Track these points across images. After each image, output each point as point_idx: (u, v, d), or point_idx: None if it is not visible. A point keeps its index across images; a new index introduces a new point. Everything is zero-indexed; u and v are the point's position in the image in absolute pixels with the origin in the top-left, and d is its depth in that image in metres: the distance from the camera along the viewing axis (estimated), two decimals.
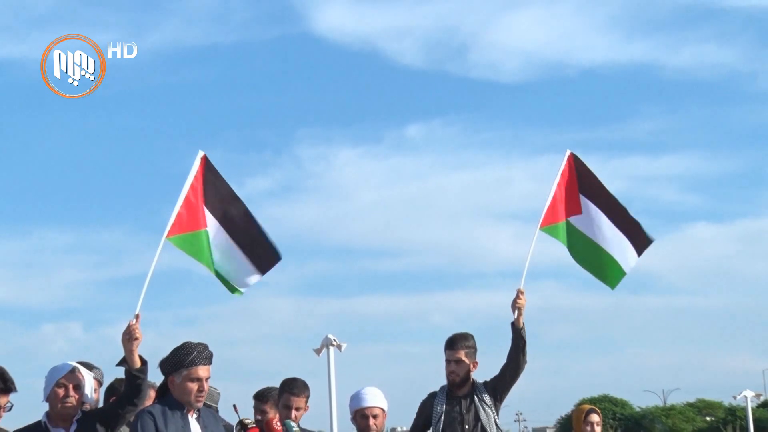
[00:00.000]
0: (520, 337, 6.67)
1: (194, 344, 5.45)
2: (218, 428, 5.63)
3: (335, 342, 8.30)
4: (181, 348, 5.44)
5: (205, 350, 5.45)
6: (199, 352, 5.41)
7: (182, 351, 5.42)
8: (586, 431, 7.13)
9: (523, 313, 6.74)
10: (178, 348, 5.46)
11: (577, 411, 7.56)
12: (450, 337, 6.79)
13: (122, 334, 5.57)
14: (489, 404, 6.64)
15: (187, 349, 5.42)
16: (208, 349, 5.47)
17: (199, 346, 5.44)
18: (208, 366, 5.46)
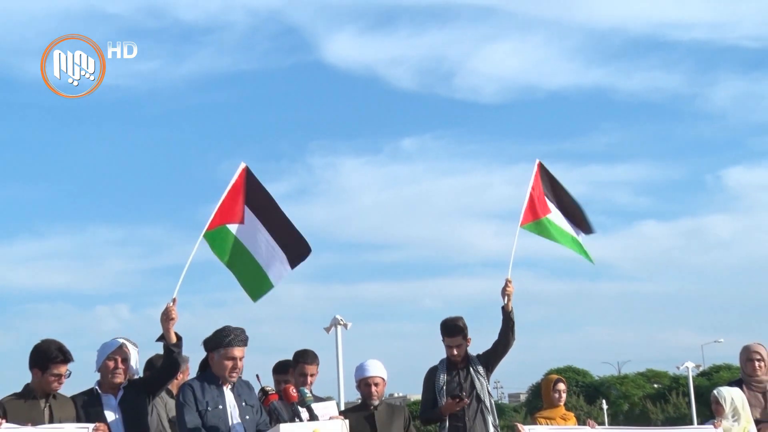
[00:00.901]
0: (510, 318, 6.76)
1: (233, 328, 5.51)
2: (252, 397, 5.61)
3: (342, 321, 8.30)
4: (221, 330, 5.52)
5: (241, 334, 5.50)
6: (236, 335, 5.47)
7: (222, 333, 5.49)
8: (554, 397, 7.19)
9: (511, 299, 6.78)
10: (219, 330, 5.53)
11: (546, 380, 7.60)
12: (447, 325, 6.78)
13: (161, 315, 5.67)
14: (482, 374, 6.74)
15: (227, 331, 5.49)
16: (244, 333, 5.52)
17: (236, 330, 5.50)
18: (243, 347, 5.51)
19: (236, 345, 5.44)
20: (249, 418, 5.43)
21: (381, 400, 6.43)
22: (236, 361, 5.44)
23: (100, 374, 5.65)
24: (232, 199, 6.30)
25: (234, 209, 6.30)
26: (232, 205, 6.30)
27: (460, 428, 6.55)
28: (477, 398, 6.60)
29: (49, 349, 5.36)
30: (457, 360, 6.71)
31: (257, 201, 6.37)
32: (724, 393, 7.14)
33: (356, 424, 6.04)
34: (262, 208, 6.39)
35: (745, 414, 7.04)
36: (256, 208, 6.36)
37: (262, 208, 6.39)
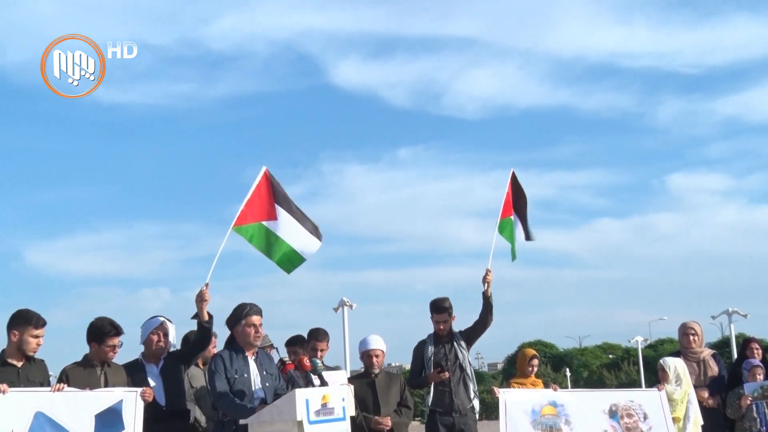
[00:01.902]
0: (489, 302, 6.76)
1: (246, 303, 5.58)
2: (272, 366, 5.67)
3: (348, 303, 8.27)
4: (238, 306, 5.58)
5: (254, 305, 5.57)
6: (251, 306, 5.55)
7: (239, 308, 5.56)
8: (528, 370, 7.15)
9: (491, 285, 6.78)
10: (236, 307, 5.58)
11: (523, 354, 7.47)
12: (436, 304, 6.73)
13: (196, 297, 5.67)
14: (464, 347, 6.74)
15: (242, 306, 5.56)
16: (257, 305, 5.59)
17: (250, 303, 5.58)
18: (260, 315, 5.56)
19: (253, 314, 5.49)
20: (269, 384, 5.43)
21: (381, 369, 6.45)
22: (257, 327, 5.47)
23: (144, 347, 5.69)
24: (259, 198, 6.23)
25: (265, 208, 6.24)
26: (261, 204, 6.24)
27: (446, 393, 6.53)
28: (460, 367, 6.59)
29: (104, 325, 5.40)
30: (443, 334, 6.68)
31: (281, 198, 6.33)
32: (668, 362, 7.19)
33: (360, 389, 6.05)
34: (284, 203, 6.34)
35: (685, 380, 7.07)
36: (282, 204, 6.31)
37: (284, 203, 6.34)
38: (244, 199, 6.14)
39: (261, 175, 6.29)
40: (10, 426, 4.75)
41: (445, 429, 6.50)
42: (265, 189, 6.29)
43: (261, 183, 6.26)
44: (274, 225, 6.26)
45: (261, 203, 6.24)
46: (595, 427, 6.72)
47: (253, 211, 6.18)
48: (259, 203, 6.23)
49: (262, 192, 6.26)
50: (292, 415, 4.86)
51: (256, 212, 6.20)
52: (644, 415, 6.84)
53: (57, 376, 5.26)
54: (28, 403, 4.84)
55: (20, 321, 5.08)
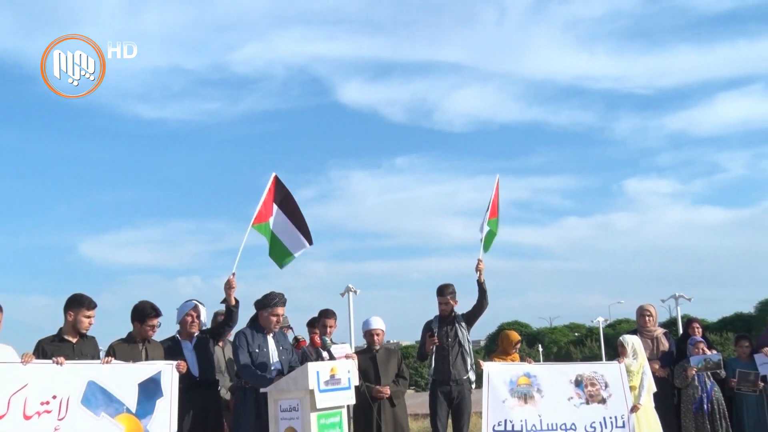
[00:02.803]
0: (483, 288, 6.64)
1: (277, 293, 5.56)
2: (287, 343, 5.67)
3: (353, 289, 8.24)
4: (269, 294, 5.56)
5: (282, 297, 5.56)
6: (279, 298, 5.53)
7: (269, 296, 5.54)
8: (512, 351, 7.07)
9: (483, 273, 6.69)
10: (267, 294, 5.57)
11: (507, 337, 7.29)
12: (440, 288, 6.66)
13: (224, 284, 5.68)
14: (464, 327, 6.62)
15: (273, 295, 5.54)
16: (284, 297, 5.57)
17: (279, 294, 5.56)
18: (283, 307, 5.57)
19: (279, 305, 5.51)
20: (284, 358, 5.46)
21: (381, 345, 6.42)
22: (279, 317, 5.50)
23: (180, 326, 5.70)
24: (268, 200, 6.22)
25: (269, 209, 6.23)
26: (269, 205, 6.22)
27: (445, 365, 6.49)
28: (459, 344, 6.52)
29: (145, 308, 5.41)
30: (445, 314, 6.61)
31: (282, 200, 6.30)
32: (627, 339, 7.17)
33: (363, 363, 6.07)
34: (284, 205, 6.31)
35: (641, 354, 7.06)
36: (281, 205, 6.28)
37: (284, 205, 6.31)
38: (260, 201, 6.13)
39: (271, 181, 6.27)
40: (68, 392, 4.76)
41: (444, 396, 6.48)
42: (272, 191, 6.25)
43: (271, 187, 6.23)
44: (271, 222, 6.24)
45: (268, 204, 6.22)
46: (563, 395, 6.71)
47: (267, 212, 6.17)
48: (268, 204, 6.20)
49: (271, 195, 6.24)
50: (305, 384, 4.87)
51: (266, 212, 6.19)
52: (605, 384, 6.81)
53: (105, 350, 5.28)
54: (82, 373, 4.85)
55: (75, 304, 5.10)
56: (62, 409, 4.71)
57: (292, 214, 6.34)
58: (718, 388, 7.10)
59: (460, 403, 6.49)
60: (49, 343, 5.01)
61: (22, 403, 4.57)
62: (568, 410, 6.69)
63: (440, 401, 6.47)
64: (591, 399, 6.76)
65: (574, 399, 6.73)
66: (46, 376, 4.70)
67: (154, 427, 5.01)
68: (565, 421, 6.65)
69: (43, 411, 4.64)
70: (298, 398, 4.90)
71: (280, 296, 5.51)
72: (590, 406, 6.74)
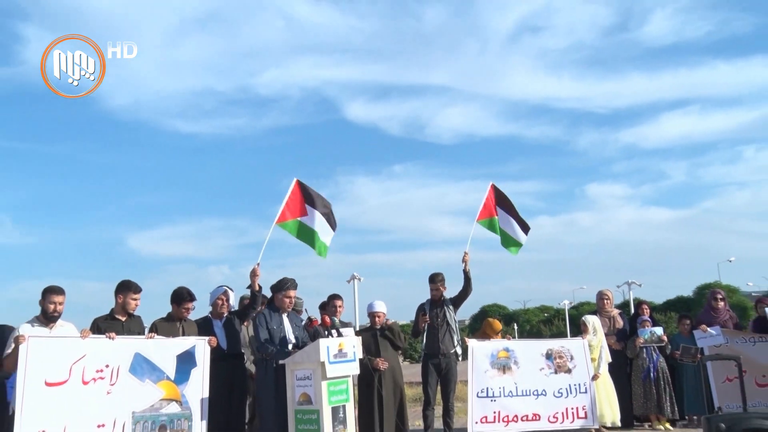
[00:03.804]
0: (468, 277, 6.57)
1: (288, 278, 5.53)
2: (299, 322, 5.64)
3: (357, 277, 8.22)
4: (282, 279, 5.54)
5: (293, 281, 5.53)
6: (291, 282, 5.51)
7: (283, 281, 5.52)
8: (496, 336, 7.05)
9: (468, 264, 6.58)
10: (281, 279, 5.55)
11: (491, 326, 7.25)
12: (431, 276, 6.61)
13: (250, 272, 5.67)
14: (452, 310, 6.55)
15: (285, 280, 5.52)
16: (295, 281, 5.54)
17: (291, 279, 5.53)
18: (295, 290, 5.53)
19: (291, 288, 5.47)
20: (298, 335, 5.44)
21: (382, 325, 6.34)
22: (291, 299, 5.46)
23: (212, 307, 5.69)
24: (293, 201, 6.13)
25: (298, 207, 6.14)
26: (296, 205, 6.13)
27: (435, 341, 6.44)
28: (447, 323, 6.45)
29: (183, 292, 5.42)
30: (436, 298, 6.55)
31: (310, 198, 6.24)
32: (588, 319, 7.22)
33: (366, 339, 6.01)
34: (313, 202, 6.24)
35: (600, 331, 7.09)
36: (311, 203, 6.22)
37: (313, 202, 6.24)
38: (282, 203, 6.07)
39: (293, 185, 6.21)
40: (118, 362, 4.81)
41: (434, 367, 6.44)
42: (298, 194, 6.18)
43: (294, 190, 6.17)
44: (307, 220, 6.15)
45: (295, 205, 6.14)
46: (536, 366, 6.74)
47: (291, 211, 6.09)
48: (293, 205, 6.12)
49: (296, 196, 6.16)
50: (317, 357, 4.89)
51: (293, 211, 6.10)
52: (571, 357, 6.84)
53: (149, 327, 5.29)
54: (130, 346, 4.90)
55: (123, 288, 5.14)
56: (113, 376, 4.77)
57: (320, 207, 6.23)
58: (663, 360, 7.12)
59: (448, 373, 6.45)
60: (103, 321, 5.05)
61: (81, 370, 4.64)
62: (539, 379, 6.72)
63: (431, 372, 6.43)
64: (559, 369, 6.79)
65: (545, 369, 6.76)
66: (100, 349, 4.76)
67: (189, 392, 5.05)
68: (537, 388, 6.68)
69: (98, 377, 4.70)
70: (311, 369, 4.90)
71: (292, 281, 5.50)
72: (558, 375, 6.77)
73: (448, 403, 6.47)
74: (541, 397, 6.66)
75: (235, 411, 5.45)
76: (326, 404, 4.86)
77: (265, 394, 5.22)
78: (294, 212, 6.10)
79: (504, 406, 6.57)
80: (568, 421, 6.67)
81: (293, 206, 6.11)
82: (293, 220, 6.08)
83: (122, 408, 4.75)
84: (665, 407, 6.98)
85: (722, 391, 6.78)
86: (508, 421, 6.55)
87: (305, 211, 6.12)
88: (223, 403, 5.29)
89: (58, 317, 4.78)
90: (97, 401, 4.65)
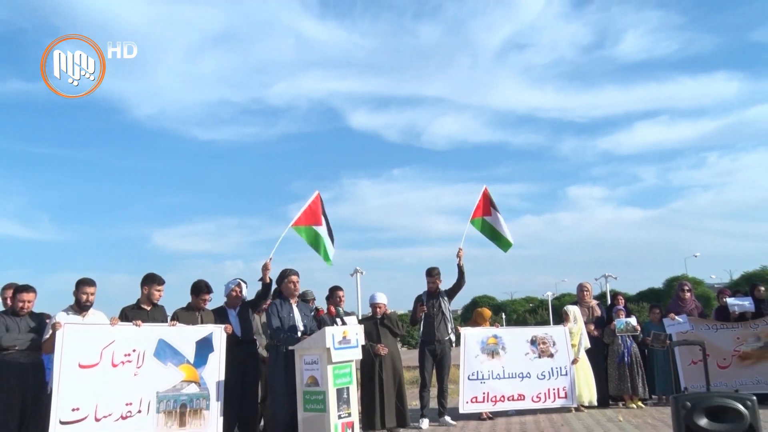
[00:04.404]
0: (461, 271, 6.54)
1: (288, 268, 5.54)
2: (308, 311, 5.61)
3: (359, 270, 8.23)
4: (283, 270, 5.53)
5: (293, 269, 5.53)
6: (291, 270, 5.50)
7: (283, 271, 5.50)
8: (486, 323, 7.11)
9: (462, 259, 6.55)
10: (282, 271, 5.54)
11: (482, 315, 7.33)
12: (428, 270, 6.59)
13: (262, 267, 5.58)
14: (446, 300, 6.54)
15: (285, 270, 5.53)
16: (295, 269, 5.54)
17: (290, 268, 5.54)
18: (297, 276, 5.50)
19: (292, 275, 5.44)
20: (306, 323, 5.42)
21: (382, 314, 6.28)
22: (294, 283, 5.42)
23: (227, 298, 5.65)
24: (311, 210, 6.07)
25: (316, 218, 6.09)
26: (314, 214, 6.07)
27: (431, 328, 6.44)
28: (442, 313, 6.45)
29: (201, 285, 5.43)
30: (432, 290, 6.53)
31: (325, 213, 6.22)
32: (569, 308, 7.27)
33: (368, 327, 6.04)
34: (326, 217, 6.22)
35: (580, 320, 7.14)
36: (325, 217, 6.20)
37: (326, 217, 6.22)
38: (301, 209, 5.98)
39: (314, 196, 6.14)
40: (144, 347, 4.84)
41: (430, 352, 6.43)
42: (318, 205, 6.14)
43: (315, 200, 6.11)
44: (320, 230, 6.11)
45: (314, 214, 6.08)
46: (521, 351, 6.81)
47: (307, 218, 6.02)
48: (311, 213, 6.06)
49: (315, 206, 6.10)
50: (323, 343, 4.90)
51: (310, 219, 6.04)
52: (553, 342, 6.92)
53: (171, 316, 5.30)
54: (154, 333, 4.93)
55: (148, 280, 5.16)
56: (139, 360, 4.80)
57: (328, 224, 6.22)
58: (635, 346, 7.17)
59: (443, 358, 6.46)
60: (130, 310, 5.07)
61: (111, 354, 4.67)
62: (525, 362, 6.78)
63: (427, 356, 6.43)
64: (542, 354, 6.85)
65: (530, 354, 6.82)
66: (128, 335, 4.79)
67: (207, 374, 5.07)
68: (522, 371, 6.74)
69: (126, 361, 4.73)
70: (318, 354, 4.92)
71: (291, 269, 5.49)
72: (542, 359, 6.84)
73: (443, 385, 6.50)
74: (526, 379, 6.72)
75: (248, 392, 5.46)
76: (332, 386, 4.87)
77: (276, 377, 5.23)
78: (309, 220, 6.05)
79: (492, 388, 6.63)
80: (550, 401, 6.74)
81: (311, 214, 6.06)
82: (307, 226, 6.03)
83: (147, 388, 4.79)
84: (638, 388, 7.03)
85: (688, 372, 6.87)
86: (496, 401, 6.62)
87: (320, 222, 6.09)
88: (237, 385, 5.30)
89: (90, 306, 4.82)
90: (125, 382, 4.70)
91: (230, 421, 5.25)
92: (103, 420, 4.54)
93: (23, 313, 4.67)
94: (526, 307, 50.92)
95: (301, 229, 6.00)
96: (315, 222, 6.07)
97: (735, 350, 6.96)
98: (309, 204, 6.06)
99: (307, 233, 6.05)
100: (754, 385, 6.68)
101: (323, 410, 4.85)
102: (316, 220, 6.07)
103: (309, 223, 6.03)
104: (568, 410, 6.78)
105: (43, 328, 4.69)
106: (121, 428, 4.61)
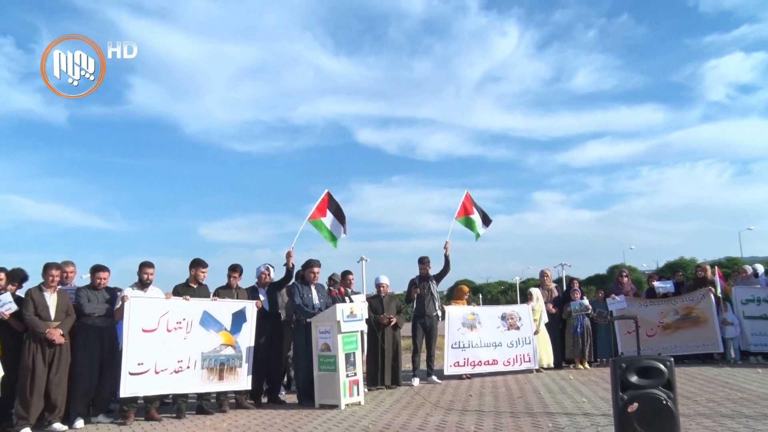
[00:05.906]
0: (447, 259, 6.44)
1: (314, 259, 5.55)
2: (324, 291, 5.58)
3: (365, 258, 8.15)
4: (309, 260, 5.56)
5: (317, 261, 5.53)
6: (315, 261, 5.50)
7: (309, 261, 5.53)
8: (463, 297, 7.11)
9: (448, 250, 6.44)
10: (308, 260, 5.57)
11: (461, 290, 7.26)
12: (420, 258, 6.56)
13: (286, 254, 5.55)
14: (435, 283, 6.49)
15: (311, 260, 5.52)
16: (318, 261, 5.54)
17: (315, 259, 5.54)
18: (319, 267, 5.50)
19: (315, 266, 5.43)
20: (321, 301, 5.38)
21: (386, 293, 6.27)
22: (315, 273, 5.42)
23: (258, 279, 5.58)
24: (322, 206, 6.09)
25: (323, 210, 6.09)
26: (322, 208, 6.08)
27: (422, 305, 6.40)
28: (431, 294, 6.42)
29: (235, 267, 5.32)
30: (423, 275, 6.49)
31: (333, 206, 6.19)
32: (533, 291, 7.29)
33: (373, 303, 6.06)
34: (333, 209, 6.19)
35: (540, 300, 7.16)
36: (331, 209, 6.16)
37: (333, 209, 6.19)
38: (315, 205, 6.00)
39: (324, 194, 6.14)
40: (191, 317, 4.87)
41: (420, 325, 6.40)
42: (325, 201, 6.12)
43: (323, 199, 6.11)
44: (324, 220, 6.09)
45: (320, 209, 6.08)
46: (494, 324, 6.80)
47: (319, 212, 6.05)
48: (319, 209, 6.08)
49: (323, 203, 6.10)
50: (334, 317, 4.89)
51: (319, 213, 6.06)
52: (519, 318, 6.94)
53: (213, 292, 5.25)
54: (199, 306, 4.94)
55: (195, 264, 5.16)
56: (188, 327, 4.85)
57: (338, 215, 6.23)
58: (588, 320, 7.21)
59: (431, 330, 6.45)
60: (181, 287, 5.07)
61: (166, 322, 4.74)
62: (497, 334, 6.79)
63: (418, 328, 6.43)
64: (510, 327, 6.87)
65: (501, 327, 6.83)
66: (179, 307, 4.83)
67: (241, 340, 5.06)
68: (495, 341, 6.75)
69: (177, 327, 4.80)
70: (330, 325, 4.91)
71: (316, 260, 5.49)
72: (510, 331, 6.85)
73: (431, 351, 6.50)
74: (498, 348, 6.75)
75: (274, 354, 5.47)
76: (341, 351, 4.86)
77: (299, 343, 5.27)
78: (318, 214, 6.08)
79: (471, 354, 6.64)
80: (518, 365, 6.79)
81: (318, 209, 6.09)
82: (319, 218, 6.05)
83: (194, 349, 4.83)
84: (586, 353, 7.11)
85: (624, 340, 6.99)
86: (474, 365, 6.63)
87: (325, 214, 6.11)
88: (265, 349, 5.32)
89: (150, 283, 4.84)
90: (177, 344, 4.74)
91: (260, 375, 5.27)
92: (161, 373, 4.63)
93: (100, 287, 4.72)
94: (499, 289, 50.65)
95: (315, 221, 5.98)
96: (321, 215, 6.06)
97: (660, 322, 7.05)
98: (320, 201, 6.05)
99: (316, 224, 6.02)
100: (672, 349, 6.78)
101: (334, 370, 4.86)
102: (321, 214, 6.06)
103: (317, 216, 6.02)
104: (530, 371, 6.83)
105: (115, 300, 4.73)
106: (174, 380, 4.69)
